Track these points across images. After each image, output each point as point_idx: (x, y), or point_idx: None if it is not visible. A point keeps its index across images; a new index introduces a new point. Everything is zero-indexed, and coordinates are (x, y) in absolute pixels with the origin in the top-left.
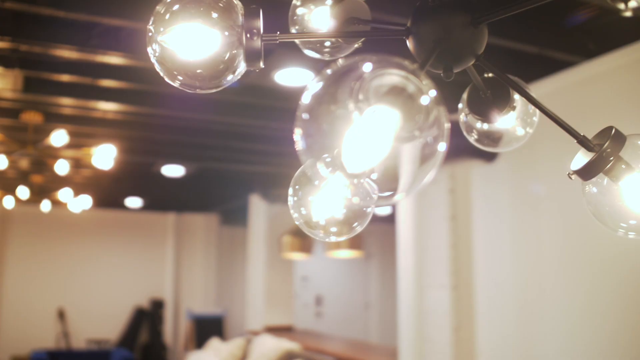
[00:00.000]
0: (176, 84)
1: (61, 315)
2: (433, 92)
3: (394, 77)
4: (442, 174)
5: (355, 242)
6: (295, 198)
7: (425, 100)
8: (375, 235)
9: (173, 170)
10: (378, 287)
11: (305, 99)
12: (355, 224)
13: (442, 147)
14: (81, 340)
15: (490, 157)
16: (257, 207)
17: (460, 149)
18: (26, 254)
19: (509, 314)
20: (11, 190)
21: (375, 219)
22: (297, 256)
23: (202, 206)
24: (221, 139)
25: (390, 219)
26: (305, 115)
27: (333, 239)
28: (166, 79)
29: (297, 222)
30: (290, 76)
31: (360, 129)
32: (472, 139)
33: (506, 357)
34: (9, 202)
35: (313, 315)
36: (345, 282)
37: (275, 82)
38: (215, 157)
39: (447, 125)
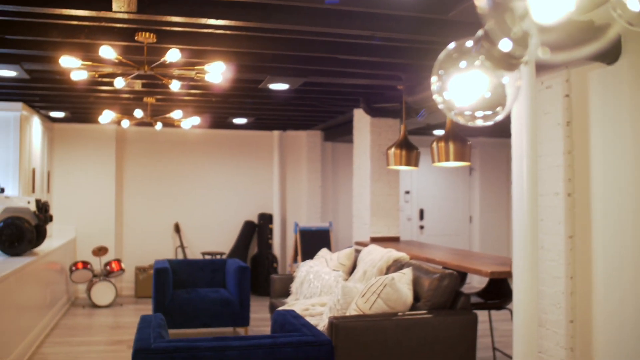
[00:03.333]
0: None
1: (177, 229)
2: None
3: None
4: (557, 78)
5: (462, 153)
6: (440, 83)
7: None
8: (477, 148)
9: (278, 87)
10: (479, 201)
11: None
12: (499, 107)
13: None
14: (196, 253)
15: (610, 59)
16: (362, 121)
17: None
18: (142, 173)
19: (626, 223)
20: (127, 112)
21: (476, 131)
22: (403, 168)
23: (306, 123)
24: (326, 51)
25: (492, 133)
26: None
27: (479, 122)
28: None
29: (440, 107)
30: None
31: None
32: (622, 20)
33: (623, 263)
34: (125, 122)
35: (417, 229)
36: (448, 196)
37: None
38: (319, 72)
39: None
